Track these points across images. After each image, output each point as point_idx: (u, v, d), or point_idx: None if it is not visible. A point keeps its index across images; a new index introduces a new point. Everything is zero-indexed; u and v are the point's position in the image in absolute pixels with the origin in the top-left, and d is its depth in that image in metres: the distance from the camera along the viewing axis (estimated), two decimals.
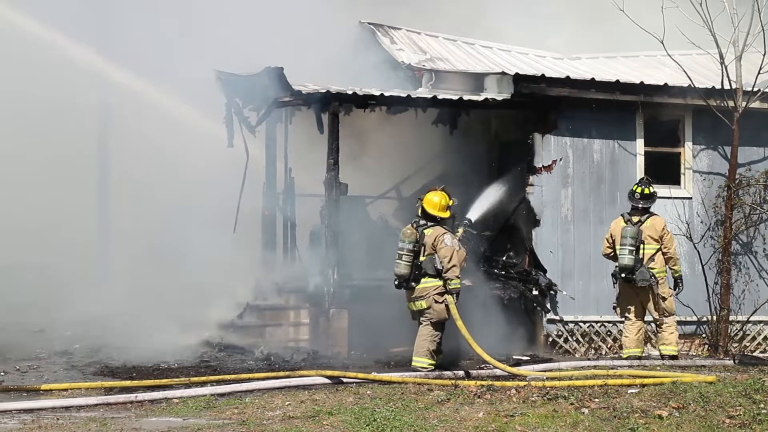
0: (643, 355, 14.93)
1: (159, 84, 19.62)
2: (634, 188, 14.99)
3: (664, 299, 14.71)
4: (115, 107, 24.50)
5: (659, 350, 14.91)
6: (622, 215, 14.94)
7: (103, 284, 25.23)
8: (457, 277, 13.48)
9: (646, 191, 14.89)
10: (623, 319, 15.01)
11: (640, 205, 14.85)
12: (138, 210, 22.89)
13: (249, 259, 18.66)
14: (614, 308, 15.19)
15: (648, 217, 14.80)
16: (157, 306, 20.09)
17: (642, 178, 15.40)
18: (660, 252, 14.68)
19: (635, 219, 14.76)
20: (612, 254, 14.93)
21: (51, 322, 20.29)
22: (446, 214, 13.69)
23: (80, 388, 12.44)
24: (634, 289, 14.72)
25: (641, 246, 14.59)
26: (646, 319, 14.99)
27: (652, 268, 14.62)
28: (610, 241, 14.93)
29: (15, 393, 12.28)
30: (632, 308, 14.85)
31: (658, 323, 14.87)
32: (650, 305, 14.77)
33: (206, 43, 19.65)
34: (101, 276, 25.33)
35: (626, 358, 14.68)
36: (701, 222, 17.02)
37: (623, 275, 14.62)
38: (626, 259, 14.55)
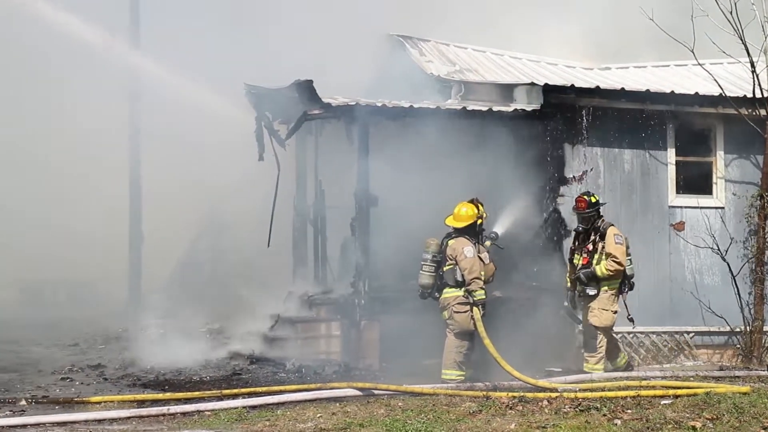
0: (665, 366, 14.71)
1: (191, 97, 19.79)
2: (596, 199, 14.59)
3: None
4: (148, 118, 24.75)
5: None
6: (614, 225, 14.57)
7: (135, 297, 25.47)
8: (481, 288, 13.50)
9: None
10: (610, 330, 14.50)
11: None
12: (171, 225, 23.08)
13: (280, 271, 18.74)
14: (631, 320, 14.68)
15: None
16: (190, 318, 20.24)
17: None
18: None
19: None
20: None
21: (84, 336, 20.46)
22: (470, 222, 13.70)
23: (113, 401, 12.52)
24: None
25: None
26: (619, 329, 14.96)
27: None
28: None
29: (49, 405, 12.39)
30: None
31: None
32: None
33: (236, 57, 19.81)
34: (134, 289, 25.57)
35: (618, 369, 14.39)
36: (734, 231, 16.88)
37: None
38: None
